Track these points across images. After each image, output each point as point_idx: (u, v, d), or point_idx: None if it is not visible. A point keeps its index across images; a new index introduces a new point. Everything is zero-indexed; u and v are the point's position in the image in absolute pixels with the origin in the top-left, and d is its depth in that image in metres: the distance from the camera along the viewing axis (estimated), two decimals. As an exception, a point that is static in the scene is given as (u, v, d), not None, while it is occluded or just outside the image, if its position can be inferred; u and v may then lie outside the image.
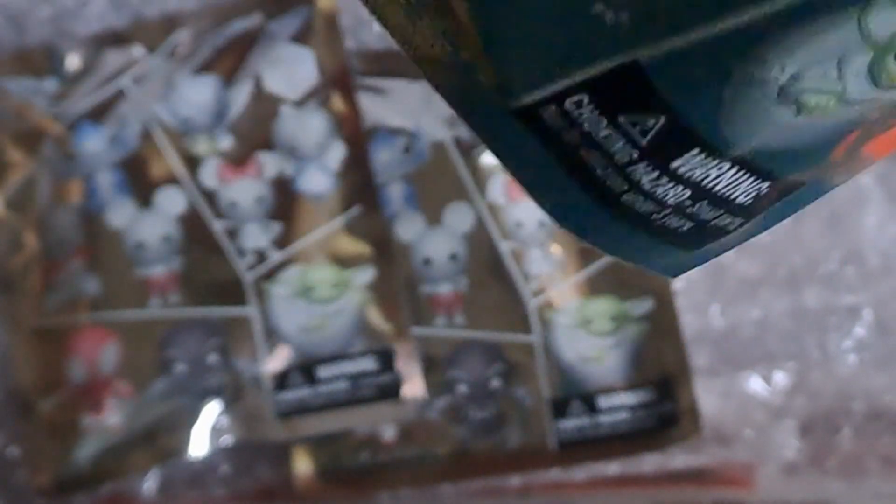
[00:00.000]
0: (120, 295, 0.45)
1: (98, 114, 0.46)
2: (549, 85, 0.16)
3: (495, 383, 0.45)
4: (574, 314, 0.45)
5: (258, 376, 0.44)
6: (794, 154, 0.18)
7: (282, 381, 0.44)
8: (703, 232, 0.19)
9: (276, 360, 0.44)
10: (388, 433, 0.45)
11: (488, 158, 0.46)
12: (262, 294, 0.44)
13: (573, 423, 0.45)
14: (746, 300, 0.47)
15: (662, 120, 0.17)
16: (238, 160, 0.45)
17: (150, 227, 0.45)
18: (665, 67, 0.16)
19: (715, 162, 0.18)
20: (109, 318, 0.44)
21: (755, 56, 0.16)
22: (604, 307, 0.45)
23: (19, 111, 0.46)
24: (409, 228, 0.46)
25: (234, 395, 0.44)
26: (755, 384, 0.47)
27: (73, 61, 0.46)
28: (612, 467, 0.46)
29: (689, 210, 0.19)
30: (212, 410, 0.44)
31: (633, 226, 0.19)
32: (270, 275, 0.45)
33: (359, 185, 0.45)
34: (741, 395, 0.47)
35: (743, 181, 0.18)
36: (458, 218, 0.46)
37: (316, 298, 0.45)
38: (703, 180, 0.18)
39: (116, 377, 0.44)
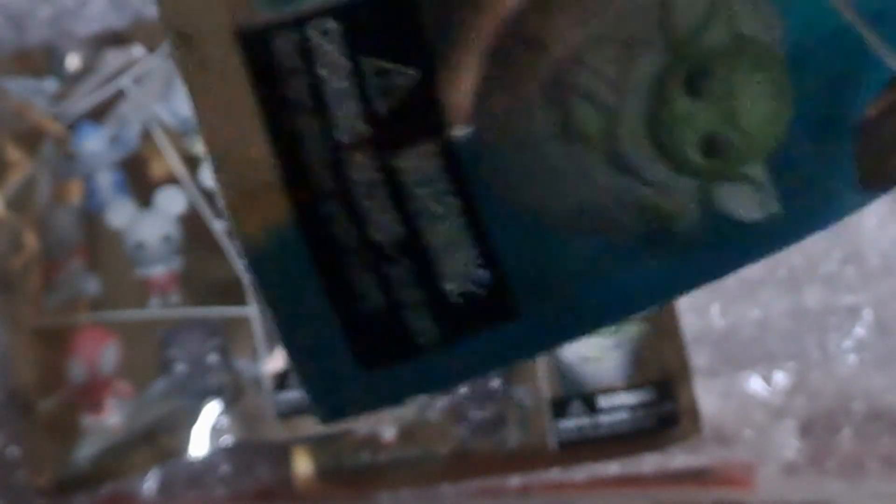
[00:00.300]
0: (120, 295, 0.45)
1: (98, 114, 0.45)
2: (292, 3, 0.13)
3: (495, 383, 0.45)
4: (574, 314, 0.45)
5: (258, 376, 0.44)
6: (533, 238, 0.15)
7: (282, 381, 0.44)
8: (387, 328, 0.16)
9: (276, 360, 0.44)
10: (388, 433, 0.45)
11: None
12: (262, 294, 0.44)
13: (573, 422, 0.45)
14: (746, 300, 0.47)
15: (413, 74, 0.13)
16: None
17: (150, 227, 0.45)
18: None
19: (445, 183, 0.15)
20: (109, 318, 0.44)
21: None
22: (604, 307, 0.45)
23: (19, 111, 0.46)
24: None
25: (234, 395, 0.44)
26: (755, 384, 0.47)
27: (73, 61, 0.46)
28: (612, 467, 0.46)
29: (387, 269, 0.15)
30: (212, 410, 0.44)
31: (320, 265, 0.15)
32: (270, 275, 0.45)
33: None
34: (741, 395, 0.47)
35: (463, 249, 0.15)
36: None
37: (316, 298, 0.45)
38: (421, 213, 0.15)
39: (116, 377, 0.44)
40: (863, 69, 0.13)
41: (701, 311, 0.47)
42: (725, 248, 0.15)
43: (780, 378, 0.47)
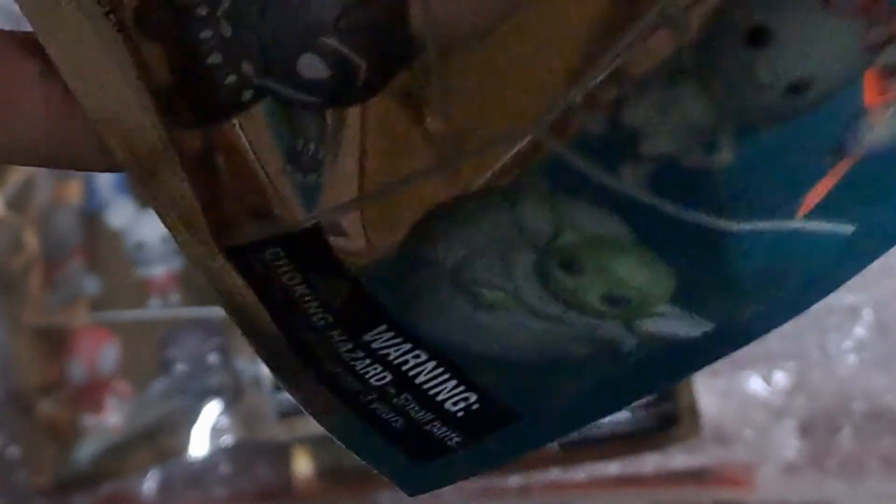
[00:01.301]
0: (120, 295, 0.45)
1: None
2: (255, 234, 0.16)
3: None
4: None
5: (258, 376, 0.44)
6: (500, 367, 0.17)
7: (282, 381, 0.44)
8: (419, 436, 0.18)
9: (276, 360, 0.44)
10: (388, 433, 0.45)
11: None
12: (262, 294, 0.45)
13: (573, 423, 0.45)
14: (746, 300, 0.47)
15: (346, 287, 0.17)
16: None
17: (150, 227, 0.45)
18: (338, 229, 0.16)
19: (408, 346, 0.17)
20: (109, 318, 0.44)
21: (419, 232, 0.16)
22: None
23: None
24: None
25: (234, 395, 0.44)
26: (755, 384, 0.47)
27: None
28: (612, 467, 0.46)
29: (395, 401, 0.18)
30: (212, 410, 0.44)
31: (347, 404, 0.18)
32: (270, 275, 0.45)
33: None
34: (741, 395, 0.47)
35: (446, 382, 0.18)
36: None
37: (316, 298, 0.45)
38: (401, 365, 0.17)
39: (116, 377, 0.44)
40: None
41: (701, 311, 0.47)
42: (675, 356, 0.17)
43: (780, 378, 0.47)
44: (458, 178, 0.15)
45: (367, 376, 0.18)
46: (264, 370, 0.44)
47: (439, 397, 0.18)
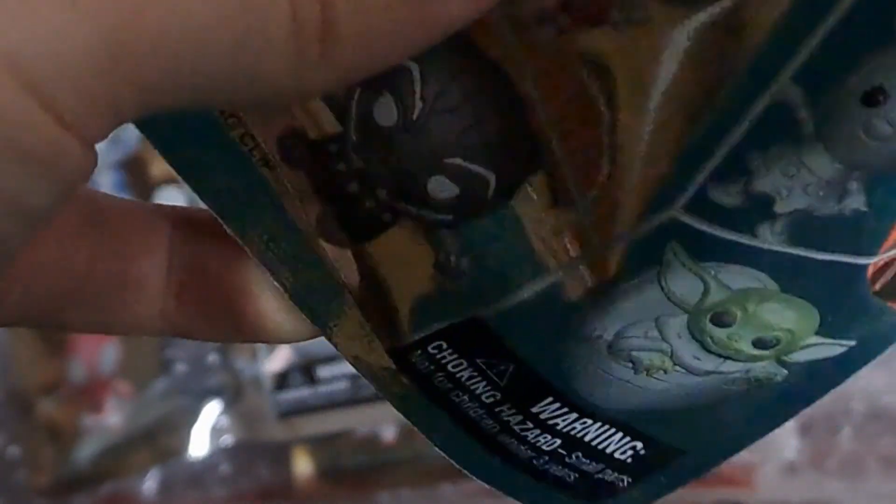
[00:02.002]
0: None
1: (98, 114, 0.46)
2: (416, 333, 0.17)
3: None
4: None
5: (258, 376, 0.44)
6: (662, 417, 0.19)
7: (282, 381, 0.44)
8: (592, 484, 0.20)
9: (276, 360, 0.44)
10: (388, 433, 0.45)
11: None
12: (262, 294, 0.45)
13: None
14: (746, 300, 0.47)
15: (512, 367, 0.18)
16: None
17: (150, 227, 0.45)
18: (503, 322, 0.17)
19: (575, 415, 0.18)
20: (109, 318, 0.44)
21: (574, 313, 0.17)
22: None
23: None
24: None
25: (234, 395, 0.44)
26: (755, 384, 0.47)
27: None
28: (612, 467, 0.46)
29: (567, 460, 0.19)
30: (212, 410, 0.44)
31: (519, 470, 0.19)
32: (270, 275, 0.45)
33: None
34: (741, 395, 0.47)
35: (612, 436, 0.19)
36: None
37: (316, 298, 0.45)
38: (569, 430, 0.19)
39: (116, 377, 0.44)
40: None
41: (701, 311, 0.47)
42: (824, 374, 0.19)
43: (780, 378, 0.47)
44: (606, 266, 0.16)
45: (538, 444, 0.19)
46: (264, 370, 0.44)
47: (608, 450, 0.19)
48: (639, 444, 0.19)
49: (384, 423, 0.45)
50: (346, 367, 0.45)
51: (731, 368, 0.18)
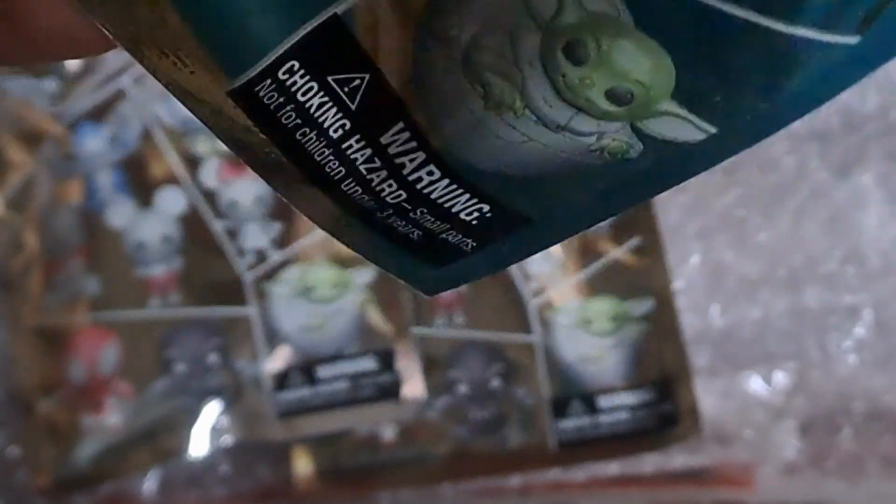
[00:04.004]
0: (120, 295, 0.45)
1: (98, 114, 0.45)
2: (261, 59, 0.16)
3: (495, 383, 0.45)
4: (574, 314, 0.45)
5: (258, 376, 0.44)
6: (511, 181, 0.18)
7: (282, 381, 0.44)
8: (436, 246, 0.19)
9: (276, 360, 0.44)
10: (388, 433, 0.45)
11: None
12: (262, 294, 0.44)
13: (573, 422, 0.45)
14: (746, 300, 0.47)
15: (367, 78, 0.17)
16: (238, 160, 0.45)
17: (150, 227, 0.45)
18: (359, 16, 0.16)
19: (423, 156, 0.18)
20: (109, 318, 0.44)
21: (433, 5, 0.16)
22: (604, 307, 0.45)
23: (19, 111, 0.46)
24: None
25: (234, 395, 0.44)
26: (755, 384, 0.47)
27: (73, 61, 0.46)
28: (612, 467, 0.46)
29: (411, 215, 0.19)
30: (212, 410, 0.44)
31: (365, 223, 0.19)
32: (270, 275, 0.45)
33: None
34: (741, 395, 0.47)
35: (459, 196, 0.18)
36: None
37: (316, 298, 0.45)
38: (416, 181, 0.18)
39: (116, 377, 0.44)
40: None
41: (701, 311, 0.47)
42: (680, 159, 0.18)
43: (780, 378, 0.47)
44: None
45: (382, 193, 0.18)
46: (264, 370, 0.44)
47: (454, 209, 0.18)
48: (485, 207, 0.19)
49: (384, 423, 0.45)
50: (347, 367, 0.45)
51: (583, 126, 0.17)
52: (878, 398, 0.47)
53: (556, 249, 0.46)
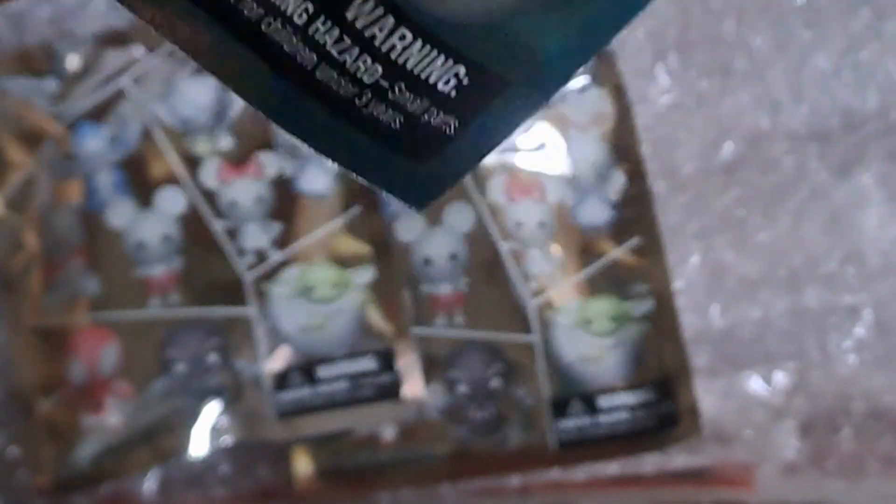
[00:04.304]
0: (120, 295, 0.45)
1: (98, 114, 0.46)
2: None
3: (495, 383, 0.45)
4: (574, 314, 0.45)
5: (258, 376, 0.44)
6: (481, 33, 0.18)
7: (282, 381, 0.44)
8: (419, 134, 0.19)
9: (276, 360, 0.44)
10: (388, 433, 0.45)
11: (489, 158, 0.46)
12: (262, 294, 0.44)
13: (573, 422, 0.45)
14: (746, 300, 0.47)
15: None
16: (238, 160, 0.45)
17: (150, 227, 0.45)
18: None
19: (392, 22, 0.18)
20: (109, 318, 0.44)
21: None
22: (604, 307, 0.45)
23: (19, 111, 0.46)
24: (409, 228, 0.46)
25: (234, 395, 0.44)
26: (755, 384, 0.47)
27: (73, 61, 0.46)
28: (612, 467, 0.46)
29: (390, 95, 0.18)
30: (212, 410, 0.44)
31: (341, 118, 0.19)
32: (270, 275, 0.45)
33: (359, 185, 0.45)
34: (741, 395, 0.47)
35: (434, 59, 0.18)
36: (459, 218, 0.46)
37: (316, 298, 0.45)
38: (390, 51, 0.18)
39: (116, 377, 0.44)
40: None
41: (701, 311, 0.47)
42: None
43: (780, 378, 0.47)
44: None
45: (358, 74, 0.18)
46: (264, 370, 0.44)
47: (431, 79, 0.18)
48: (462, 70, 0.18)
49: (384, 423, 0.45)
50: (347, 367, 0.45)
51: None
52: (878, 398, 0.47)
53: (556, 250, 0.46)
